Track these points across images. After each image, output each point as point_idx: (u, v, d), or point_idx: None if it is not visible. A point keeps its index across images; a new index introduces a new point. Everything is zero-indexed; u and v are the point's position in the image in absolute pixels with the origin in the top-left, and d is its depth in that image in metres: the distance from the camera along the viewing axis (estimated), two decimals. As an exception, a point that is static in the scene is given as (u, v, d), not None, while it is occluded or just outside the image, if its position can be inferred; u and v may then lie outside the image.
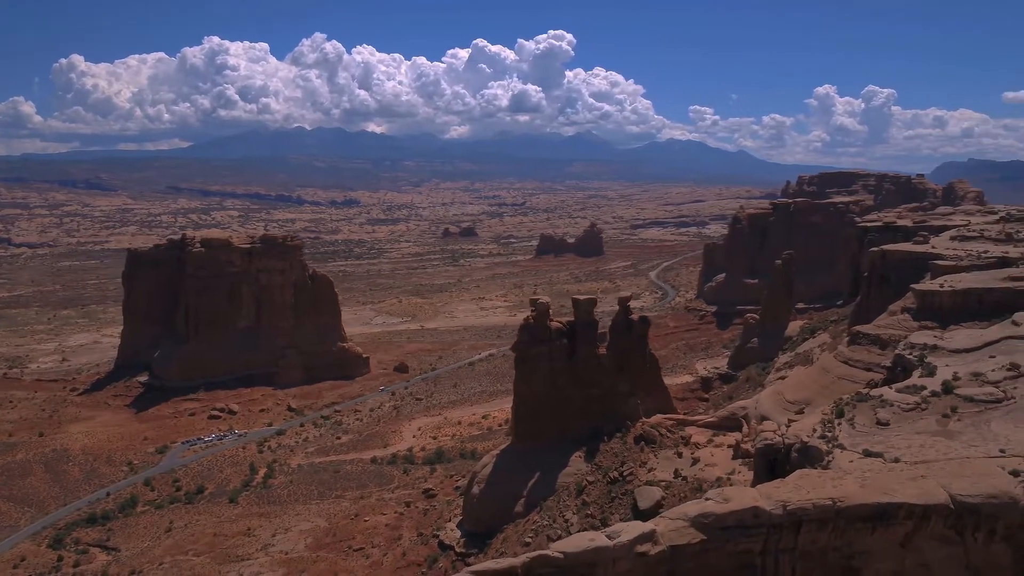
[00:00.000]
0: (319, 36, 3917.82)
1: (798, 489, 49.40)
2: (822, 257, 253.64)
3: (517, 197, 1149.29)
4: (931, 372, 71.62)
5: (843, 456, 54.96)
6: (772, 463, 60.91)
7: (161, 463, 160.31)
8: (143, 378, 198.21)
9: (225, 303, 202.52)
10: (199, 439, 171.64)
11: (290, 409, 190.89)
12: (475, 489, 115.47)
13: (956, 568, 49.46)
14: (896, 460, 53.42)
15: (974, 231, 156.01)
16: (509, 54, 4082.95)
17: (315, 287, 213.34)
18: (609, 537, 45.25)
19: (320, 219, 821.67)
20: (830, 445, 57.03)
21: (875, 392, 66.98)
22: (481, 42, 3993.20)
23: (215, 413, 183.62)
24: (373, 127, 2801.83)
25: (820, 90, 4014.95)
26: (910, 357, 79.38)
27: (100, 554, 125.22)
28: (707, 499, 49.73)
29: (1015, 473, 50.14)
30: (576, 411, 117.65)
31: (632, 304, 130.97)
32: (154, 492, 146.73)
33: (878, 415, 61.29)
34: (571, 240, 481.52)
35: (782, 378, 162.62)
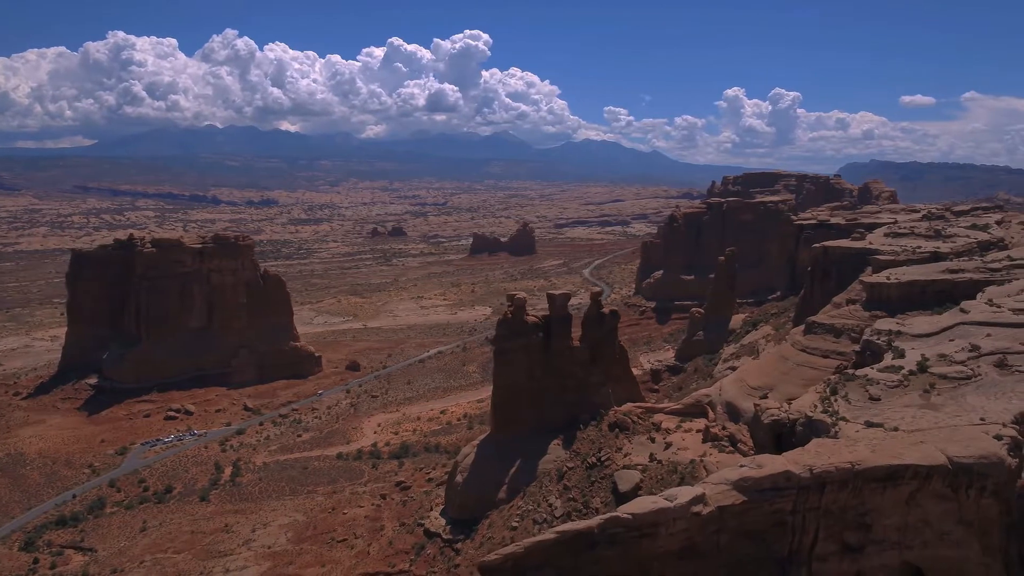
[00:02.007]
0: (230, 32, 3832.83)
1: (819, 455, 55.78)
2: (753, 254, 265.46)
3: (438, 197, 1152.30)
4: (901, 355, 79.44)
5: (848, 427, 61.68)
6: (778, 436, 67.53)
7: (123, 464, 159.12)
8: (92, 380, 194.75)
9: (176, 303, 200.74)
10: (158, 440, 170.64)
11: (246, 408, 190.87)
12: (458, 478, 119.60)
13: (951, 521, 56.51)
14: (895, 429, 60.43)
15: (904, 228, 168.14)
16: (425, 53, 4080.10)
17: (267, 287, 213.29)
18: (667, 500, 50.67)
19: (240, 219, 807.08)
20: (834, 418, 63.72)
21: (860, 372, 74.13)
22: (397, 41, 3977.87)
23: (171, 414, 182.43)
24: (287, 126, 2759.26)
25: (730, 92, 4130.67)
26: (878, 342, 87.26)
27: (76, 555, 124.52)
28: (742, 466, 55.74)
29: (998, 437, 57.64)
30: (552, 401, 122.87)
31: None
32: (121, 493, 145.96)
33: (869, 391, 68.48)
34: (504, 239, 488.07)
35: (731, 368, 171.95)
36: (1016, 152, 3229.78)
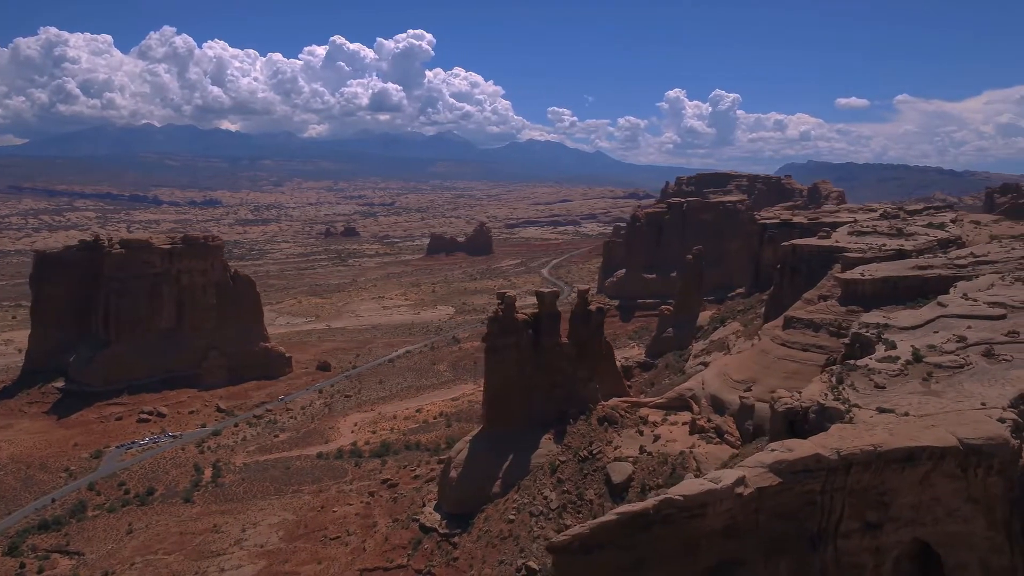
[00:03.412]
0: (168, 29, 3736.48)
1: (842, 439, 59.51)
2: (712, 253, 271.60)
3: (384, 197, 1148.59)
4: (893, 346, 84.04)
5: (862, 413, 65.65)
6: (791, 423, 71.32)
7: (100, 468, 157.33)
8: (60, 384, 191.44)
9: (146, 305, 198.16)
10: (134, 443, 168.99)
11: (220, 410, 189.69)
12: (453, 473, 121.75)
13: (959, 499, 60.72)
14: (906, 414, 64.59)
15: (867, 227, 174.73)
16: (368, 52, 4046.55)
17: (237, 287, 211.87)
18: (713, 482, 53.82)
19: (185, 220, 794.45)
20: (846, 405, 67.68)
21: (861, 363, 78.39)
22: (339, 39, 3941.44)
23: (144, 416, 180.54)
24: (228, 125, 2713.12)
25: (671, 93, 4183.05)
26: (867, 334, 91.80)
27: (62, 559, 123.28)
28: (773, 450, 59.19)
29: (1002, 420, 62.17)
30: (542, 396, 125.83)
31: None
32: (101, 496, 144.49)
33: (874, 380, 72.70)
34: (461, 239, 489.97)
35: (702, 363, 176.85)
36: (946, 154, 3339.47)
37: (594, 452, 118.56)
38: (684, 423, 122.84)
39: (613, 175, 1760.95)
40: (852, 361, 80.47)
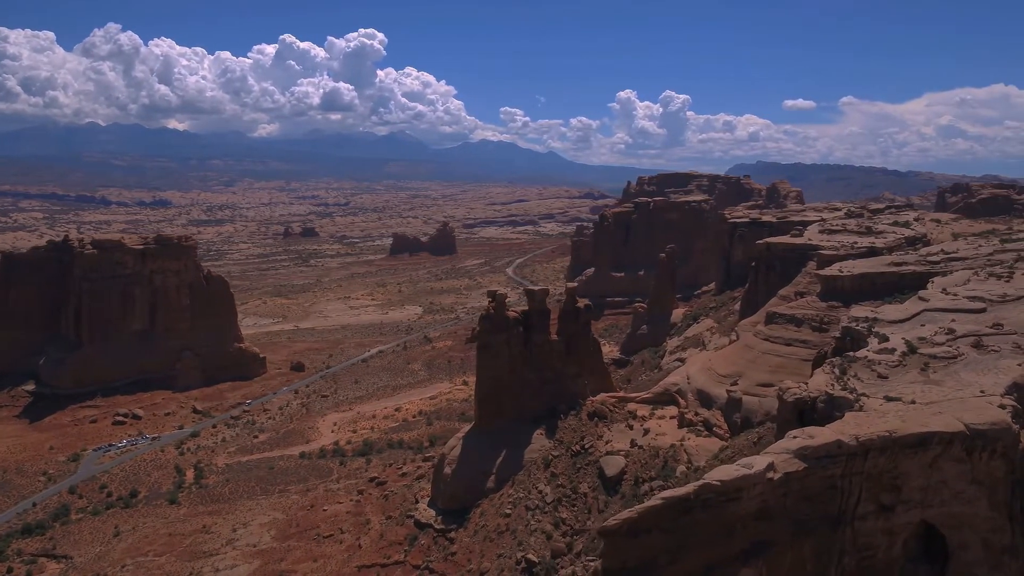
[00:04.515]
0: (113, 26, 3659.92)
1: (858, 426, 62.42)
2: (679, 251, 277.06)
3: (339, 197, 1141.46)
4: (886, 339, 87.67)
5: (871, 402, 68.71)
6: (801, 413, 74.26)
7: (79, 471, 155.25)
8: (30, 387, 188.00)
9: (118, 306, 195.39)
10: (111, 445, 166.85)
11: (196, 411, 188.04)
12: (447, 470, 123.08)
13: (964, 481, 64.02)
14: (912, 402, 67.84)
15: (837, 225, 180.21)
16: (319, 51, 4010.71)
17: (211, 288, 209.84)
18: (746, 467, 56.26)
19: (137, 220, 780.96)
20: (854, 395, 70.75)
21: (859, 355, 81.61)
22: (289, 38, 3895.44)
23: (119, 419, 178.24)
24: (175, 124, 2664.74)
25: (622, 94, 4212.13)
26: (858, 328, 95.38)
27: (50, 563, 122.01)
28: (795, 437, 61.89)
29: (1003, 407, 65.74)
30: (533, 393, 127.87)
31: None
32: (84, 499, 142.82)
33: (877, 370, 75.96)
34: (424, 239, 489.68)
35: (679, 360, 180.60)
36: (889, 155, 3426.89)
37: (586, 446, 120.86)
38: (672, 417, 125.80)
39: (566, 175, 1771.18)
40: (851, 353, 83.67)
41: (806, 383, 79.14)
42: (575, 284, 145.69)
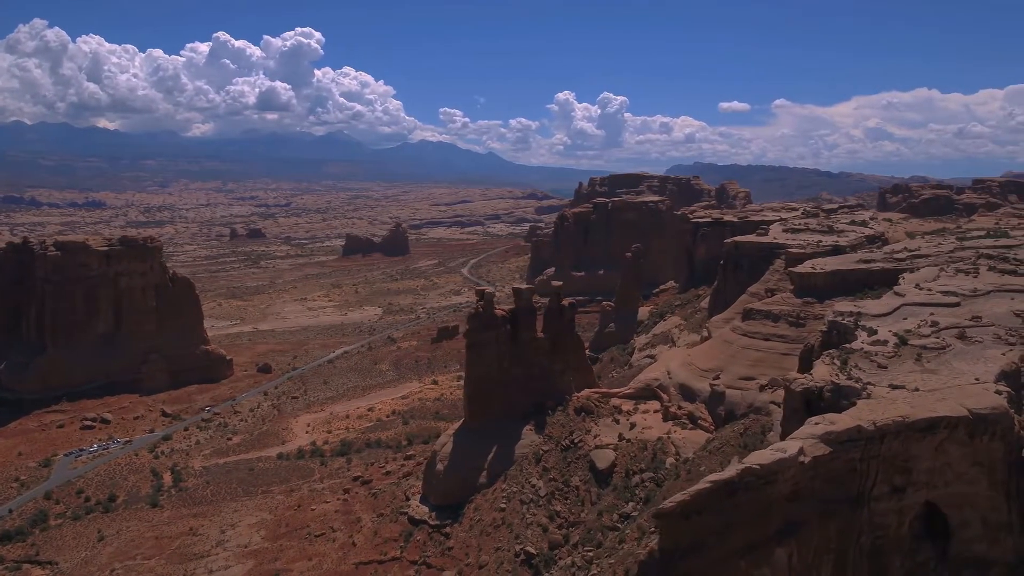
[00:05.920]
0: (39, 22, 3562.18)
1: (872, 412, 66.40)
2: (643, 250, 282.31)
3: (279, 198, 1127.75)
4: (874, 332, 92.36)
5: (878, 390, 72.84)
6: (808, 402, 78.14)
7: (52, 476, 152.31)
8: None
9: (82, 308, 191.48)
10: (82, 450, 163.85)
11: (165, 414, 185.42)
12: (439, 466, 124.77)
13: (966, 463, 68.47)
14: (916, 390, 72.20)
15: (799, 225, 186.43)
16: (255, 50, 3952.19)
17: (176, 289, 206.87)
18: (781, 452, 59.63)
19: (72, 222, 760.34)
20: (860, 384, 74.87)
21: (855, 346, 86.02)
22: (223, 36, 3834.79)
23: (88, 423, 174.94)
24: (105, 123, 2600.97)
25: (561, 96, 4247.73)
26: (844, 322, 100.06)
27: (34, 569, 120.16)
28: (816, 424, 65.53)
29: (998, 392, 70.49)
30: (520, 389, 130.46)
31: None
32: (61, 505, 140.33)
33: (876, 361, 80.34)
34: (377, 240, 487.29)
35: (649, 356, 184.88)
36: (820, 156, 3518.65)
37: (575, 441, 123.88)
38: (655, 411, 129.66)
39: (506, 176, 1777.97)
40: (848, 345, 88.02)
41: (811, 374, 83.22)
42: (559, 283, 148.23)
